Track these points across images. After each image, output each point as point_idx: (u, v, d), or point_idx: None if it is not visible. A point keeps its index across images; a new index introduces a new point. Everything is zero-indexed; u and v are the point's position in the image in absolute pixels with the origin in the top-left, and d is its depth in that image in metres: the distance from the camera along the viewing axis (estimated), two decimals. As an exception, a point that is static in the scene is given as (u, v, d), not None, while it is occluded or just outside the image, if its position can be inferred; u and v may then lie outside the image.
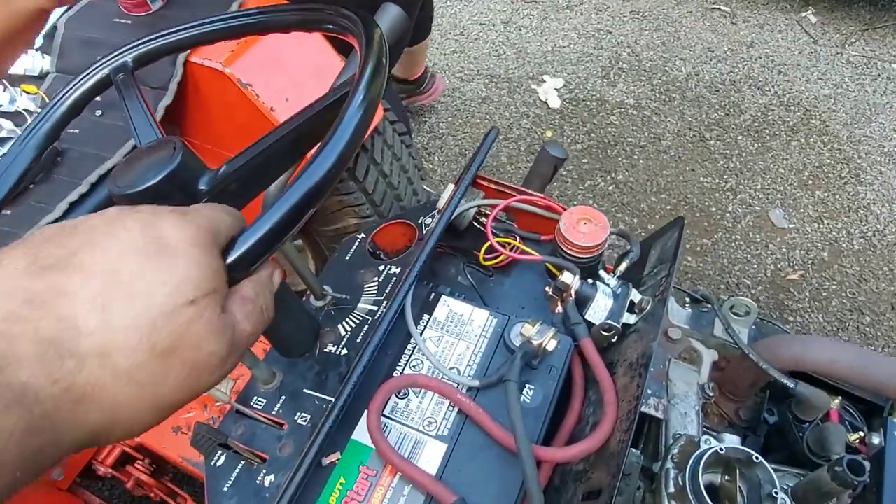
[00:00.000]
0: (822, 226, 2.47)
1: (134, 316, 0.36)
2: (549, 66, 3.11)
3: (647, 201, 2.56)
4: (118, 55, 0.77)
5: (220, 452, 0.80)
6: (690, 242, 2.44)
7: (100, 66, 0.78)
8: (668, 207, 2.54)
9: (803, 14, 3.33)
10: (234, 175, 0.56)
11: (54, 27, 1.47)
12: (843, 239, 2.43)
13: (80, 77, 0.79)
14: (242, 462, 0.79)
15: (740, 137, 2.78)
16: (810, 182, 2.61)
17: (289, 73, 1.40)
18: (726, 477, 0.79)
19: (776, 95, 2.95)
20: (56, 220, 1.21)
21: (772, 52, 3.15)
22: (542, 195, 0.97)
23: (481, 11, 3.40)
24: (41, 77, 1.45)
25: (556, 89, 2.99)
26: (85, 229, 0.38)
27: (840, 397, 0.92)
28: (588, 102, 2.94)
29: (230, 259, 0.43)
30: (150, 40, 0.78)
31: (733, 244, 2.43)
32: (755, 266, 2.37)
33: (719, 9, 3.38)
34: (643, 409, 0.89)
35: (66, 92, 0.80)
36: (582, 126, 2.84)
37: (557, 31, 3.29)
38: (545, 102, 2.94)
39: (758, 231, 2.47)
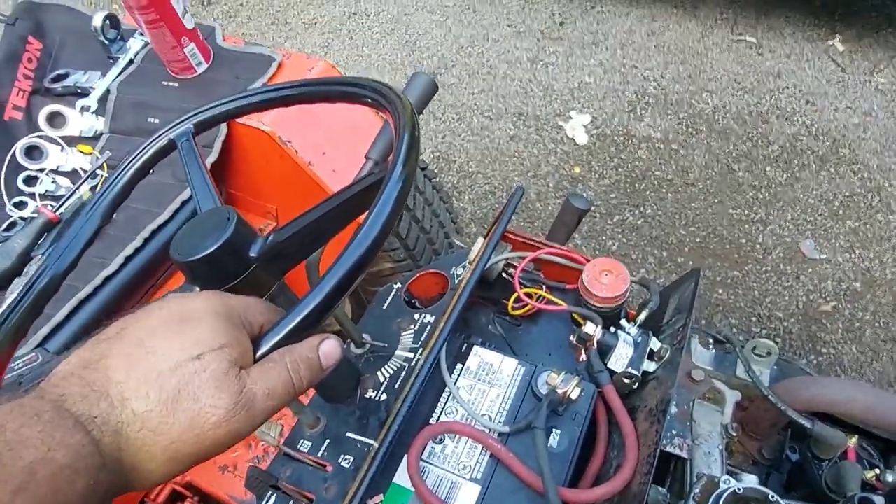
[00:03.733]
0: (853, 256, 2.47)
1: (146, 369, 0.45)
2: (575, 102, 3.18)
3: (676, 234, 2.59)
4: (182, 122, 0.85)
5: (270, 493, 0.86)
6: (721, 275, 2.46)
7: (166, 132, 0.86)
8: (698, 240, 2.57)
9: (830, 43, 3.35)
10: (282, 244, 0.64)
11: (108, 91, 1.57)
12: (875, 268, 2.43)
13: (148, 142, 0.87)
14: (291, 502, 0.85)
15: (769, 168, 2.80)
16: (841, 212, 2.62)
17: (325, 128, 1.49)
18: (746, 516, 0.83)
19: (804, 125, 2.96)
20: (113, 274, 1.30)
21: (799, 82, 3.17)
22: (566, 248, 1.03)
23: (508, 50, 3.49)
24: (95, 138, 1.56)
25: (583, 125, 3.05)
26: (138, 313, 0.49)
27: (857, 436, 0.95)
28: (615, 137, 2.99)
29: (260, 351, 0.50)
30: (211, 108, 0.86)
31: (764, 276, 2.44)
32: (787, 298, 2.38)
33: (745, 40, 3.42)
34: (668, 448, 0.94)
35: (136, 156, 0.88)
36: (609, 161, 2.89)
37: (583, 67, 3.36)
38: (572, 139, 3.00)
39: (788, 262, 2.48)
